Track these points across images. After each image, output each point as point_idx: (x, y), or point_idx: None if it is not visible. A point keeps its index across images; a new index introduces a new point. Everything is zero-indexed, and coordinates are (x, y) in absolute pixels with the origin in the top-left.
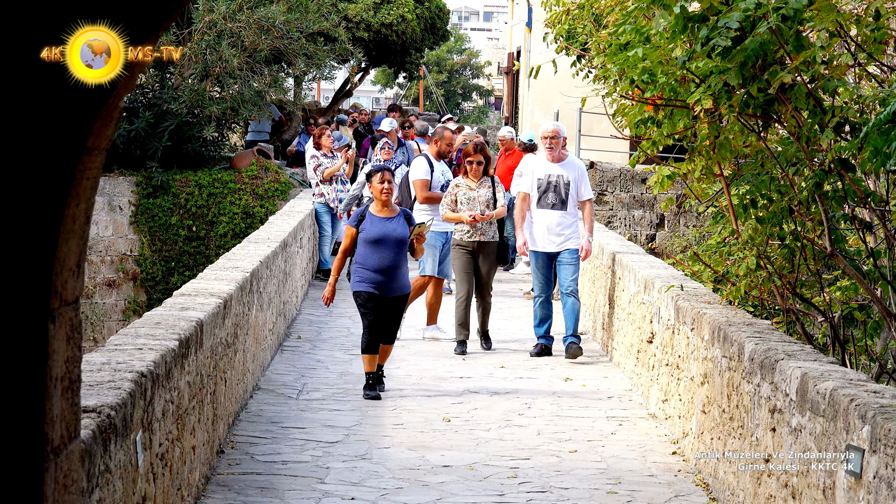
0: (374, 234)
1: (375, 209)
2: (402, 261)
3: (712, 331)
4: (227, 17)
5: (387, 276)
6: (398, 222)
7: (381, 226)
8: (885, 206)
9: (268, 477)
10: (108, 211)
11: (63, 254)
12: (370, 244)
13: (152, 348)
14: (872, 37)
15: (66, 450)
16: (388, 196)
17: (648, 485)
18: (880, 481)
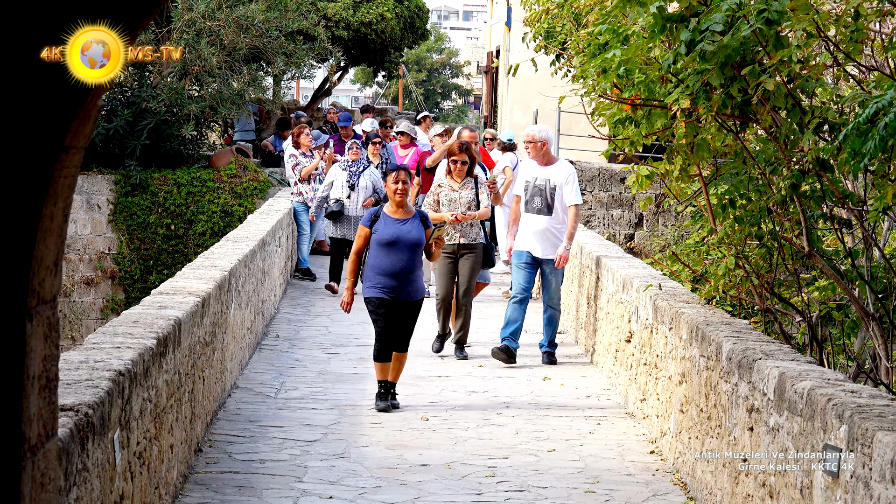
0: (388, 236)
1: (390, 210)
2: (417, 264)
3: (690, 330)
4: (206, 15)
5: (400, 281)
6: (413, 224)
7: (395, 227)
8: (862, 207)
9: (246, 476)
10: (86, 209)
11: (41, 252)
12: (383, 246)
13: (130, 347)
14: (851, 37)
15: (43, 448)
16: (403, 197)
17: (626, 484)
18: (857, 481)
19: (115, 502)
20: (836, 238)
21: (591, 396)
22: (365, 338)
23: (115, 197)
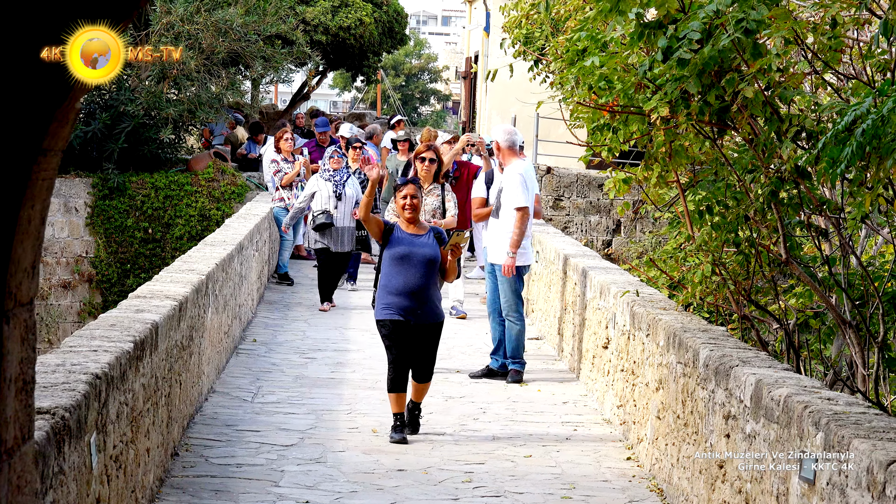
0: (400, 251)
1: (403, 225)
2: (432, 283)
3: (667, 337)
4: (184, 18)
5: (414, 301)
6: (428, 239)
7: (408, 242)
8: (840, 214)
9: (222, 480)
10: (63, 212)
11: (18, 255)
12: (395, 262)
13: (107, 350)
14: (829, 45)
15: (19, 451)
16: (412, 212)
17: (603, 490)
18: (833, 488)
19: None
20: (813, 245)
21: (569, 403)
22: (342, 342)
23: (93, 200)
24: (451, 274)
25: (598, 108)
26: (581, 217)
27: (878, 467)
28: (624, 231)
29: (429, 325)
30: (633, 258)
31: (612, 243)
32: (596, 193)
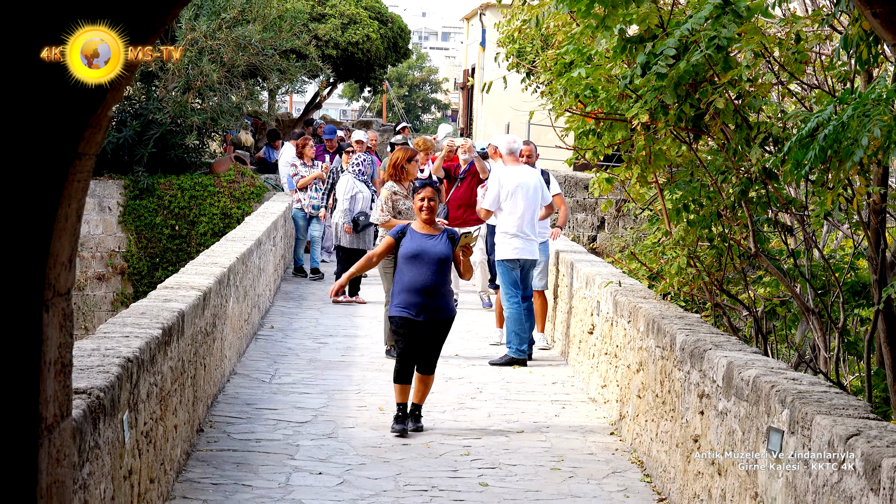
0: (412, 250)
1: (417, 226)
2: (444, 281)
3: (647, 323)
4: (207, 35)
5: (425, 297)
6: (440, 240)
7: (420, 241)
8: (804, 212)
9: (243, 453)
10: (98, 211)
11: (56, 249)
12: (407, 260)
13: (138, 336)
14: (794, 58)
15: (58, 427)
16: (430, 214)
17: (588, 462)
18: (797, 460)
19: (124, 477)
20: (780, 240)
21: (557, 383)
22: (351, 329)
23: (125, 200)
24: (467, 272)
25: (584, 116)
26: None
27: (838, 441)
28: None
29: (440, 321)
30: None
31: (596, 238)
32: (582, 193)
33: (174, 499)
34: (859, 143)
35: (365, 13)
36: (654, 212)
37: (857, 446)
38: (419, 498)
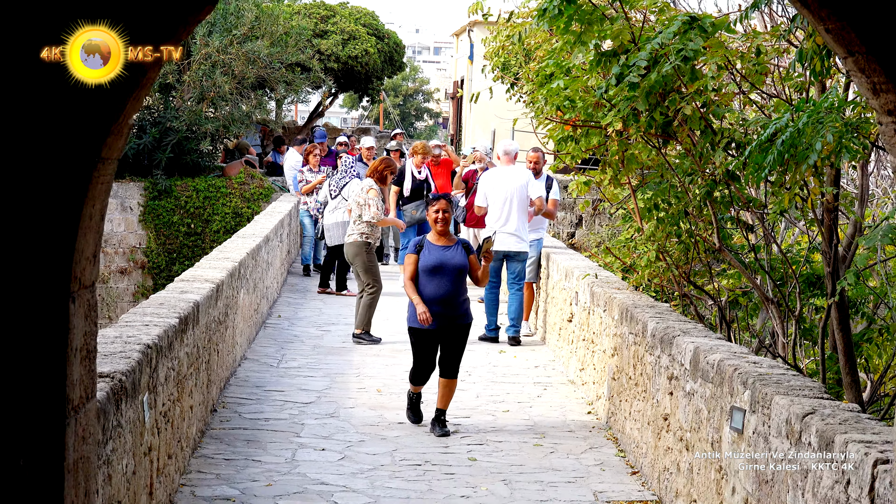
0: (433, 262)
1: (432, 238)
2: (462, 290)
3: (621, 312)
4: (220, 50)
5: (445, 307)
6: (456, 250)
7: (439, 254)
8: (764, 210)
9: (253, 431)
10: (120, 211)
11: (81, 245)
12: (427, 273)
13: (157, 325)
14: (754, 70)
15: (84, 408)
16: (445, 226)
17: (568, 438)
18: (758, 436)
19: (144, 453)
20: (741, 236)
21: (539, 367)
22: (351, 318)
23: (145, 200)
24: (484, 278)
25: (563, 123)
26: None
27: (795, 419)
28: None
29: (459, 327)
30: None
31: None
32: (562, 193)
33: (190, 473)
34: (814, 147)
35: (363, 30)
36: (627, 210)
37: (812, 424)
38: (413, 472)
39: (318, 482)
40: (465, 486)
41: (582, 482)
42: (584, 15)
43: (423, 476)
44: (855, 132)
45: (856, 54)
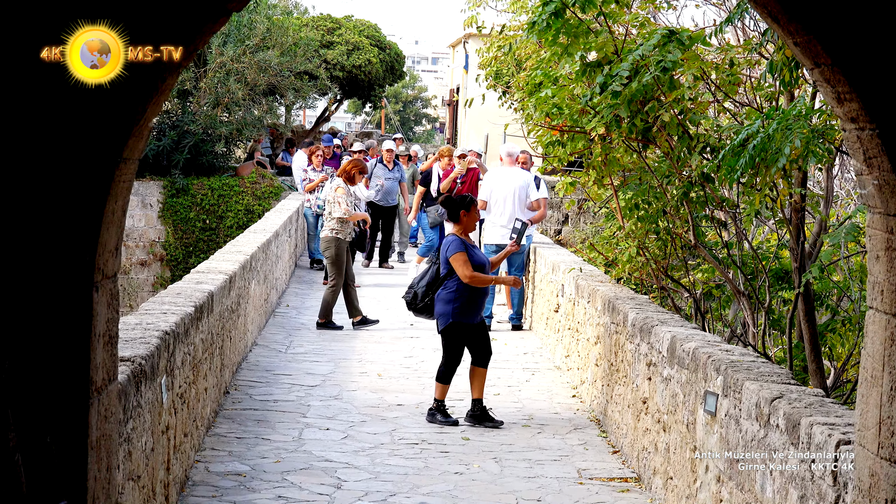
0: (479, 261)
1: (468, 239)
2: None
3: (604, 303)
4: (233, 59)
5: (481, 303)
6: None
7: (478, 253)
8: (736, 210)
9: (263, 412)
10: (141, 207)
11: (104, 239)
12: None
13: (174, 313)
14: (728, 80)
15: (106, 390)
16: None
17: (554, 420)
18: (730, 418)
19: (162, 432)
20: (715, 233)
21: (528, 353)
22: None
23: (164, 198)
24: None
25: (551, 129)
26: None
27: (764, 402)
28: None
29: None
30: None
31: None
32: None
33: (204, 450)
34: (782, 151)
35: (367, 41)
36: (610, 209)
37: (780, 407)
38: (411, 450)
39: (323, 459)
40: (459, 464)
41: (567, 460)
42: (570, 28)
43: (419, 454)
44: (821, 138)
45: (822, 66)
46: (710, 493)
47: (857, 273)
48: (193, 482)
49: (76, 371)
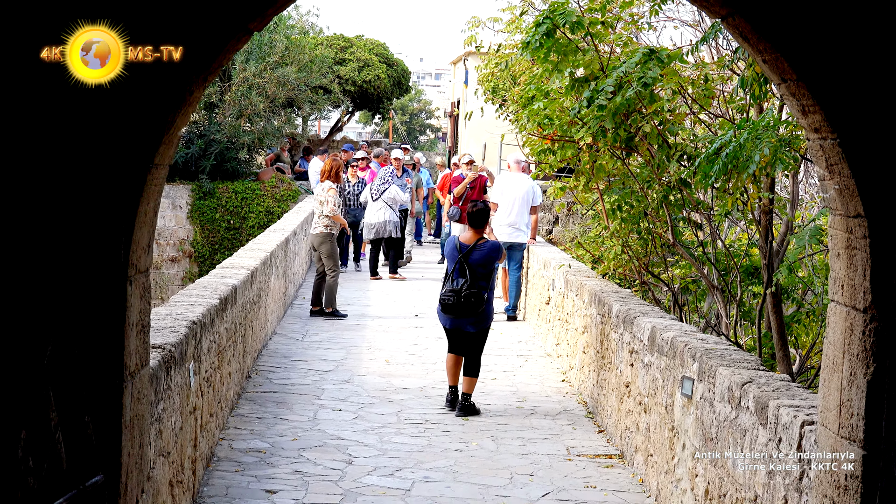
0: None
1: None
2: None
3: (590, 296)
4: (255, 74)
5: None
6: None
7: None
8: (710, 212)
9: (281, 395)
10: (171, 209)
11: (138, 238)
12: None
13: (201, 304)
14: (703, 94)
15: (139, 374)
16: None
17: (545, 402)
18: (704, 401)
19: (189, 412)
20: (692, 233)
21: (522, 342)
22: (364, 300)
23: (192, 200)
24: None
25: (543, 138)
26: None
27: (735, 386)
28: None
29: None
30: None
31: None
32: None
33: (228, 429)
34: (752, 159)
35: (376, 58)
36: (596, 211)
37: (750, 391)
38: (416, 429)
39: (336, 437)
40: (459, 441)
41: (557, 438)
42: (560, 47)
43: (423, 433)
44: (787, 146)
45: (788, 81)
46: (686, 468)
47: (820, 269)
48: (218, 458)
49: (111, 356)
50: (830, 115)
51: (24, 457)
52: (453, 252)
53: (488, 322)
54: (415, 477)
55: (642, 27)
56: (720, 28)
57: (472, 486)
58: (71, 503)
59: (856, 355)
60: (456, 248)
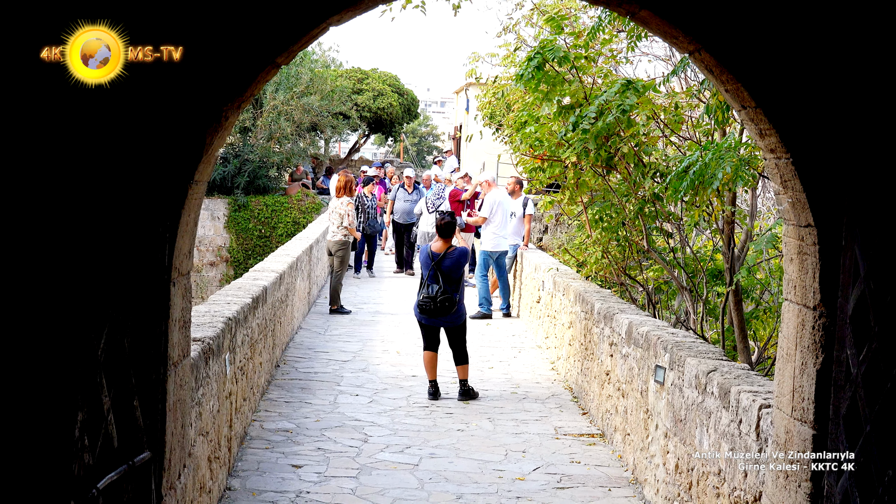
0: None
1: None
2: None
3: (576, 295)
4: (283, 102)
5: None
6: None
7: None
8: (680, 222)
9: (306, 382)
10: (210, 219)
11: (180, 244)
12: None
13: (236, 303)
14: (674, 119)
15: (181, 364)
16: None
17: (536, 388)
18: (675, 387)
19: (226, 397)
20: (664, 241)
21: (515, 335)
22: (378, 299)
23: (228, 212)
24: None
25: (534, 158)
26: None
27: (702, 374)
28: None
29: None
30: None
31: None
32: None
33: (259, 412)
34: (716, 176)
35: (389, 89)
36: (581, 221)
37: (714, 378)
38: (423, 411)
39: (353, 418)
40: (461, 423)
41: (546, 420)
42: (549, 78)
43: (429, 415)
44: (747, 165)
45: (747, 108)
46: (659, 446)
47: (776, 272)
48: (251, 437)
49: (157, 348)
50: (785, 137)
51: (80, 436)
52: (427, 260)
53: (463, 318)
54: (422, 453)
55: (620, 61)
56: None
57: (473, 461)
58: (121, 477)
59: (807, 347)
60: (429, 257)
